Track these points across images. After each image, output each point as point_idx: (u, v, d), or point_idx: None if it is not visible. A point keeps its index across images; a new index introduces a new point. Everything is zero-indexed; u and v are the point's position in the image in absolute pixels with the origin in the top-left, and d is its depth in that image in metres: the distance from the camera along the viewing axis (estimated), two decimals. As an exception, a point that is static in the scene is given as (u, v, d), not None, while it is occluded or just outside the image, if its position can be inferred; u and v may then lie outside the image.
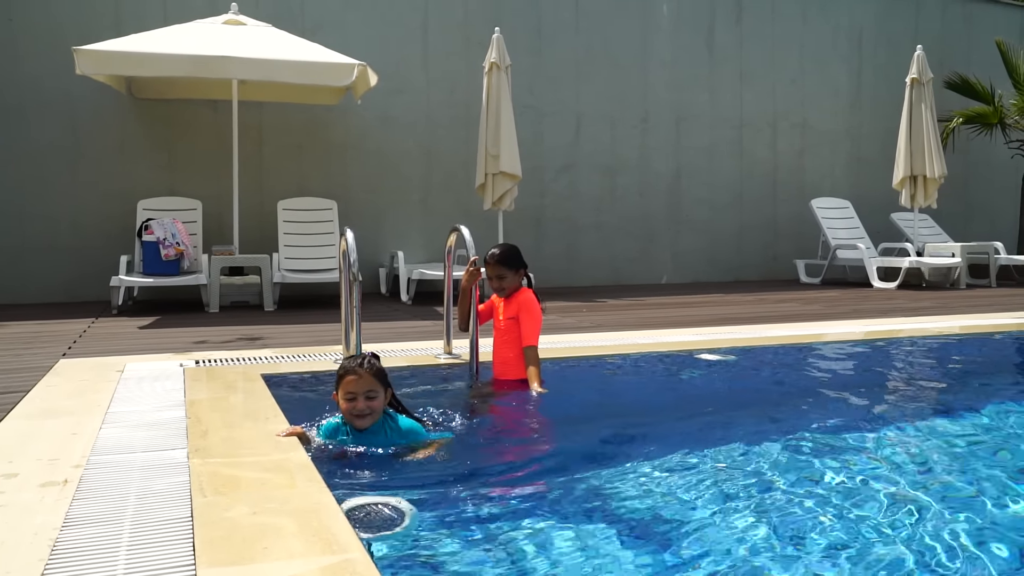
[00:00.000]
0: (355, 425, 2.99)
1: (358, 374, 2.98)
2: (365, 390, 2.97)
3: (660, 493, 2.59)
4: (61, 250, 8.83)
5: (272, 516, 2.08)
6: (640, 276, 11.25)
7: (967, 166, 12.74)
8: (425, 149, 10.17)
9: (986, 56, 12.50)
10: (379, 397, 3.01)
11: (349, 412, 2.98)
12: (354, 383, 2.97)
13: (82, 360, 4.74)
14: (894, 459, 2.93)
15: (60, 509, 2.15)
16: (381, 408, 3.03)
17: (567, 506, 2.47)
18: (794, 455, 2.97)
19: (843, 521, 2.32)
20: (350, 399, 2.97)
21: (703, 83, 11.57)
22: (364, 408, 2.97)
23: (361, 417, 2.98)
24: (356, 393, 2.96)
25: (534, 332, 4.07)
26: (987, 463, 2.89)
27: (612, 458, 2.98)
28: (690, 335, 5.73)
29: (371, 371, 3.00)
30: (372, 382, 2.99)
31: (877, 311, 7.50)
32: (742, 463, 2.89)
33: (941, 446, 3.11)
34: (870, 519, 2.34)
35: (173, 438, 2.91)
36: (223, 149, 8.83)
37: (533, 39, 10.62)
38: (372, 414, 2.99)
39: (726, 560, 2.06)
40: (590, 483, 2.68)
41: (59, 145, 8.83)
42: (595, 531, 2.27)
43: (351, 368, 2.99)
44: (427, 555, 2.10)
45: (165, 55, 7.49)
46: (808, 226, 11.50)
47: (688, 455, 2.97)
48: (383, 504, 2.42)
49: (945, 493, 2.56)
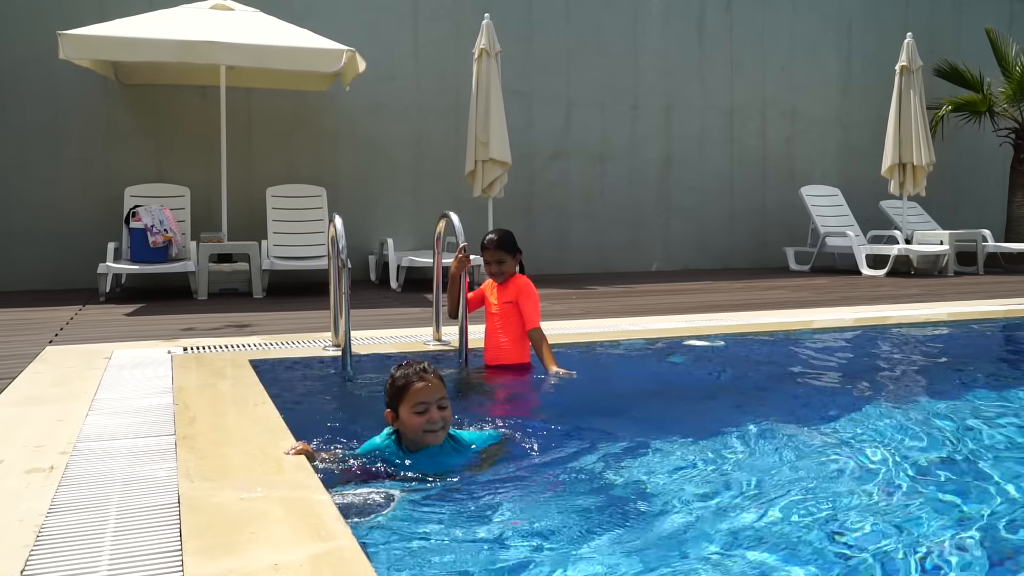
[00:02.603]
0: (426, 442, 2.59)
1: (427, 380, 2.58)
2: (437, 398, 2.59)
3: (643, 476, 2.60)
4: (48, 237, 8.76)
5: (260, 502, 2.07)
6: (630, 263, 11.26)
7: (956, 154, 12.77)
8: (415, 136, 10.13)
9: (975, 44, 12.51)
10: (449, 407, 2.64)
11: (421, 428, 2.57)
12: (425, 391, 2.57)
13: (69, 347, 4.71)
14: (878, 443, 2.94)
15: (46, 495, 2.14)
16: (451, 421, 2.66)
17: (556, 492, 2.48)
18: (778, 440, 2.98)
19: (825, 504, 2.33)
20: (421, 411, 2.56)
21: (693, 70, 11.55)
22: (439, 420, 2.58)
23: (435, 432, 2.59)
24: (428, 403, 2.56)
25: (537, 315, 4.12)
26: (976, 446, 2.91)
27: (598, 441, 2.98)
28: (679, 322, 5.74)
29: (437, 376, 2.64)
30: (442, 388, 2.62)
31: (866, 298, 7.53)
32: (725, 448, 2.90)
33: (926, 430, 3.13)
34: (855, 502, 2.35)
35: (160, 425, 2.89)
36: (211, 135, 8.76)
37: (523, 25, 10.57)
38: (446, 427, 2.62)
39: (710, 545, 2.07)
40: (585, 469, 2.68)
41: (44, 131, 8.74)
42: (583, 514, 2.28)
43: (417, 374, 2.59)
44: (416, 543, 2.09)
45: (151, 40, 7.42)
46: (798, 213, 11.52)
47: (673, 440, 2.97)
48: (370, 490, 2.41)
49: (930, 476, 2.58)
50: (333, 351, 4.41)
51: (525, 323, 4.10)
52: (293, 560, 1.71)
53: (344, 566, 1.69)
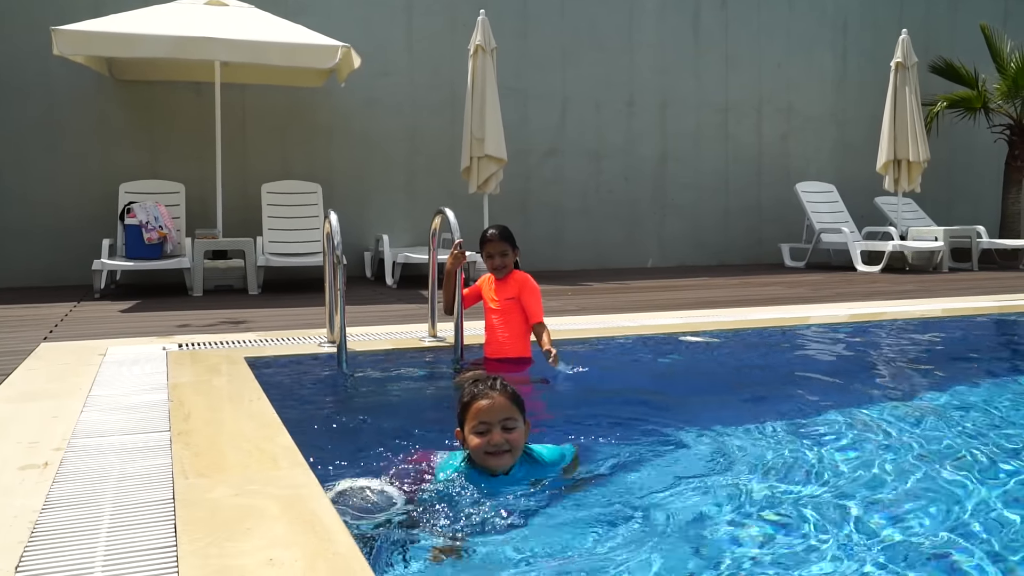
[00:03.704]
0: (488, 465, 2.38)
1: (490, 398, 2.39)
2: (501, 418, 2.37)
3: (641, 472, 2.60)
4: (42, 233, 8.73)
5: (255, 498, 2.06)
6: (626, 260, 11.26)
7: (951, 150, 12.80)
8: (410, 132, 10.12)
9: (970, 40, 12.52)
10: (519, 428, 2.41)
11: (482, 449, 2.37)
12: (486, 410, 2.37)
13: (64, 344, 4.70)
14: (874, 437, 2.95)
15: (40, 492, 2.13)
16: (521, 444, 2.43)
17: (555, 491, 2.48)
18: (773, 436, 2.98)
19: (823, 502, 2.34)
20: (482, 432, 2.37)
21: (689, 67, 11.55)
22: (502, 442, 2.36)
23: (498, 455, 2.37)
24: (490, 423, 2.37)
25: (540, 309, 4.15)
26: (972, 439, 2.92)
27: (599, 438, 2.98)
28: (675, 318, 5.74)
29: (506, 394, 2.42)
30: (509, 407, 2.39)
31: (861, 294, 7.54)
32: (721, 443, 2.90)
33: (921, 425, 3.14)
34: (852, 497, 2.36)
35: (155, 421, 2.88)
36: (206, 132, 8.74)
37: (519, 21, 10.56)
38: (512, 451, 2.39)
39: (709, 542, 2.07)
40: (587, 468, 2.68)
41: (38, 127, 8.71)
42: (581, 510, 2.28)
43: (480, 392, 2.41)
44: (415, 541, 2.09)
45: (146, 36, 7.40)
46: (793, 210, 11.53)
47: (668, 435, 2.98)
48: (370, 488, 2.40)
49: (926, 470, 2.58)
50: (328, 347, 4.41)
51: (529, 318, 4.12)
52: (288, 557, 1.71)
53: (340, 563, 1.69)
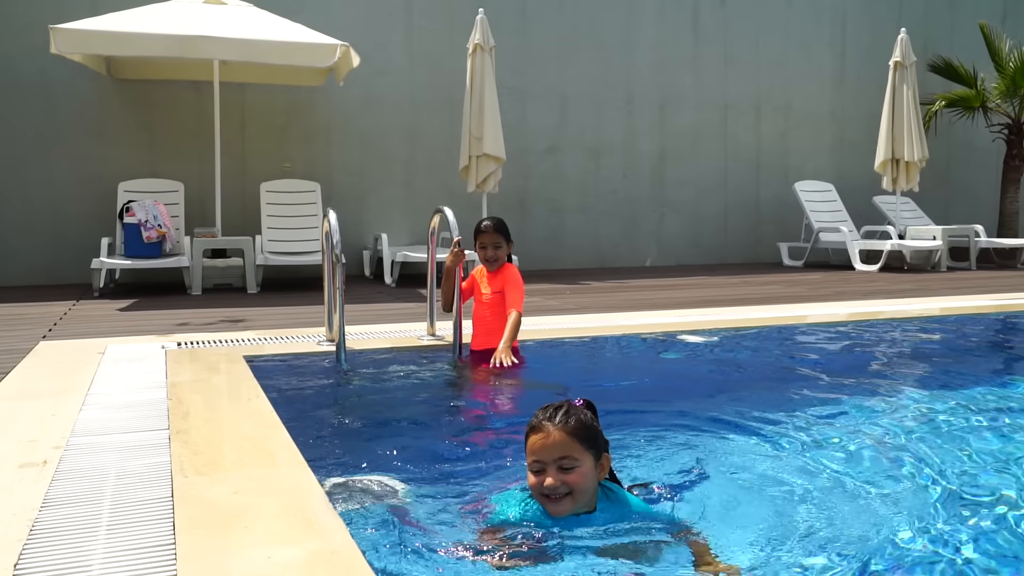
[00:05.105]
0: (547, 510, 2.00)
1: (544, 431, 1.97)
2: (556, 457, 1.96)
3: (640, 472, 2.61)
4: (41, 232, 8.73)
5: (253, 496, 2.07)
6: (624, 259, 11.27)
7: (949, 149, 12.80)
8: (409, 131, 10.12)
9: (969, 39, 12.53)
10: (581, 467, 1.97)
11: (536, 490, 2.00)
12: (541, 447, 1.97)
13: (63, 342, 4.71)
14: (873, 437, 2.96)
15: (39, 490, 2.14)
16: (587, 486, 1.99)
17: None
18: (773, 435, 2.99)
19: (820, 503, 2.35)
20: (536, 470, 1.99)
21: (687, 65, 11.55)
22: (556, 485, 1.95)
23: (555, 501, 1.97)
24: (544, 462, 1.97)
25: (520, 301, 4.18)
26: (968, 439, 2.93)
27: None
28: (674, 317, 5.75)
29: (566, 427, 1.97)
30: (568, 443, 1.96)
31: (859, 293, 7.55)
32: (720, 443, 2.91)
33: (918, 424, 3.14)
34: (851, 495, 2.37)
35: (154, 419, 2.89)
36: (205, 131, 8.74)
37: (517, 20, 10.55)
38: (572, 495, 1.97)
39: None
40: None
41: (36, 126, 8.71)
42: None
43: (536, 423, 2.00)
44: (414, 540, 2.09)
45: (144, 34, 7.39)
46: (791, 209, 11.54)
47: (665, 434, 2.99)
48: (371, 481, 2.40)
49: (922, 468, 2.59)
50: (327, 346, 4.41)
51: (507, 305, 4.16)
52: (286, 554, 1.71)
53: (338, 560, 1.69)
